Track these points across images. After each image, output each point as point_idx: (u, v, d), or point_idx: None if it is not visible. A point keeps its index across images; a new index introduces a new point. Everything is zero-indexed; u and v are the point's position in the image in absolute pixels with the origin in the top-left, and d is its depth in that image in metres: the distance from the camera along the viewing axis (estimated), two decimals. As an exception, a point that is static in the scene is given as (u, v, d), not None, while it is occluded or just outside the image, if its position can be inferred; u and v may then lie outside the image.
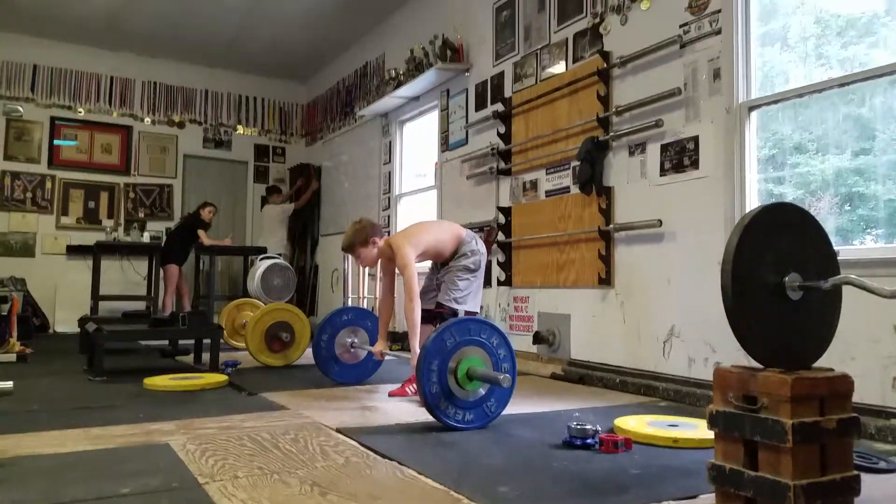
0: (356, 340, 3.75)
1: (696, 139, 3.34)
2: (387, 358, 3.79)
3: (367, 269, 6.32)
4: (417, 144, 6.33)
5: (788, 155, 3.16)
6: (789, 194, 3.13)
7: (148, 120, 7.85)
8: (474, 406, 2.59)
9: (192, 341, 4.49)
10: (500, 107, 4.76)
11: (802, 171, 3.12)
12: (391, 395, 3.33)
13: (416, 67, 5.61)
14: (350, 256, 6.46)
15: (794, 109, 3.09)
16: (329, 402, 3.09)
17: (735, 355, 1.76)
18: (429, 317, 3.29)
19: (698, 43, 3.34)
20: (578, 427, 2.28)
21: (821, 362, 1.78)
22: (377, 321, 3.60)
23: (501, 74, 4.84)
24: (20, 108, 7.08)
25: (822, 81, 2.90)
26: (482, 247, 3.40)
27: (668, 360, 3.41)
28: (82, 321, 5.01)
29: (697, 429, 2.38)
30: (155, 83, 7.90)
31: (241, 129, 8.39)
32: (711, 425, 1.72)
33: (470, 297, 3.30)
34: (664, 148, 3.50)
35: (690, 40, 3.37)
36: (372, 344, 3.63)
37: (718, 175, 3.21)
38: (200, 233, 6.75)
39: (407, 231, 3.45)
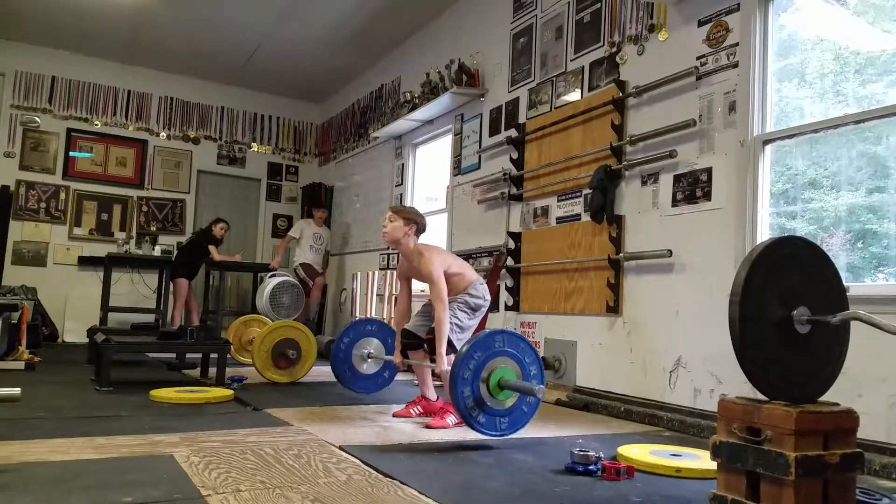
0: (373, 351, 3.81)
1: (709, 171, 3.35)
2: (394, 379, 3.80)
3: (373, 285, 6.33)
4: (430, 167, 6.38)
5: (802, 190, 3.17)
6: (801, 229, 3.13)
7: (163, 135, 7.97)
8: (504, 414, 2.69)
9: (199, 355, 4.50)
10: (513, 133, 4.81)
11: (815, 206, 3.12)
12: (395, 415, 3.31)
13: (431, 91, 5.68)
14: (354, 279, 6.52)
15: (809, 145, 3.10)
16: (333, 421, 3.08)
17: (741, 387, 1.75)
18: (418, 344, 3.30)
19: (715, 75, 3.37)
20: (581, 453, 2.27)
21: (828, 397, 1.77)
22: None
23: (516, 100, 4.90)
24: (37, 119, 7.19)
25: (837, 117, 2.91)
26: (487, 294, 3.37)
27: (674, 391, 3.39)
28: (91, 332, 5.04)
29: (700, 459, 2.37)
30: (172, 98, 8.03)
31: (255, 147, 8.49)
32: (715, 456, 1.71)
33: (464, 332, 3.24)
34: (677, 179, 3.52)
35: (707, 72, 3.41)
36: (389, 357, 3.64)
37: (731, 208, 3.21)
38: (211, 248, 6.80)
39: (440, 249, 3.44)
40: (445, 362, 3.02)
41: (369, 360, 3.81)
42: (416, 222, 3.31)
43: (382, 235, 3.33)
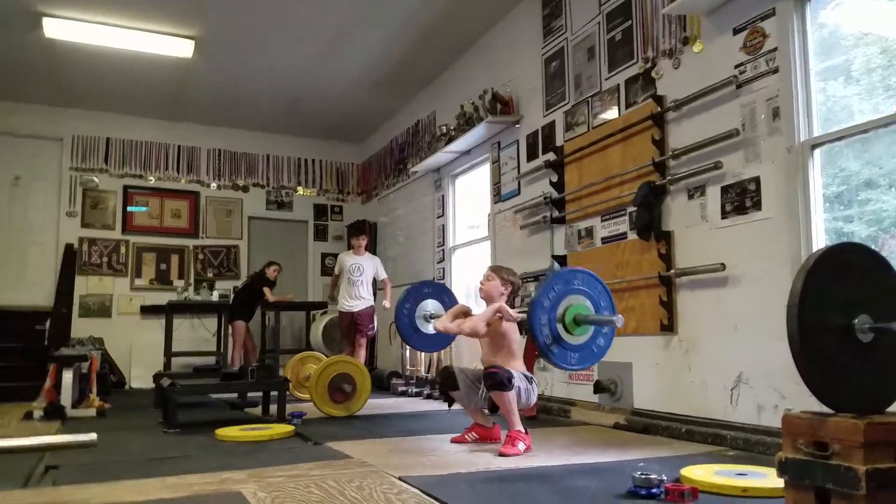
0: (433, 312, 4.03)
1: (757, 180, 3.28)
2: (446, 409, 3.83)
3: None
4: (470, 196, 6.45)
5: (857, 191, 3.06)
6: (860, 232, 3.02)
7: (214, 185, 8.32)
8: (576, 350, 2.90)
9: (260, 394, 4.61)
10: (551, 156, 4.83)
11: (874, 207, 3.01)
12: (453, 441, 3.37)
13: (466, 122, 5.76)
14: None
15: (861, 144, 3.01)
16: (391, 452, 3.11)
17: (806, 401, 1.70)
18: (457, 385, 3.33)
19: (755, 83, 3.32)
20: (643, 477, 2.21)
21: (897, 407, 1.70)
22: (452, 295, 4.15)
23: (552, 124, 4.93)
24: (95, 179, 7.63)
25: (888, 115, 2.81)
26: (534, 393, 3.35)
27: (736, 409, 3.27)
28: (157, 377, 5.23)
29: (767, 478, 2.28)
30: (219, 150, 8.39)
31: (300, 191, 8.76)
32: (781, 473, 1.66)
33: (525, 393, 3.22)
34: (724, 190, 3.46)
35: (746, 80, 3.36)
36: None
37: (783, 216, 3.13)
38: (266, 290, 7.00)
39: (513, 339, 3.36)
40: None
41: (431, 320, 4.02)
42: (511, 283, 3.42)
43: (479, 291, 3.46)
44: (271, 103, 7.56)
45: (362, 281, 6.25)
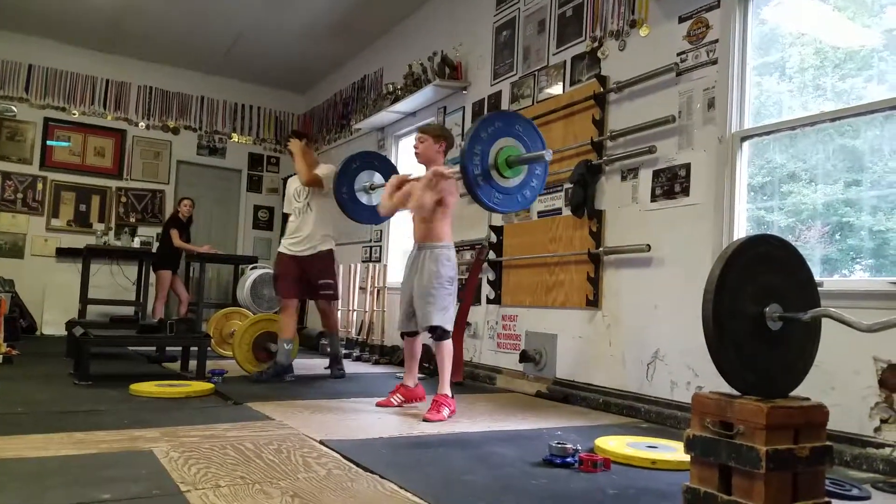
0: (372, 181, 4.01)
1: (687, 167, 3.39)
2: (375, 371, 3.83)
3: (356, 278, 6.32)
4: (412, 159, 6.36)
5: (781, 183, 3.21)
6: (780, 222, 3.17)
7: (142, 124, 7.86)
8: (502, 192, 2.90)
9: (180, 348, 4.48)
10: (495, 126, 4.81)
11: (794, 199, 3.17)
12: (378, 405, 3.37)
13: (413, 83, 5.66)
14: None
15: (788, 139, 3.14)
16: (314, 414, 3.09)
17: (716, 381, 1.79)
18: (417, 332, 3.32)
19: (694, 72, 3.39)
20: (559, 446, 2.31)
21: (801, 391, 1.82)
22: (384, 159, 4.14)
23: (499, 94, 4.90)
24: (14, 108, 7.07)
25: (814, 115, 2.94)
26: (455, 260, 3.37)
27: (652, 383, 3.44)
28: (70, 325, 4.98)
29: (676, 451, 2.41)
30: (151, 88, 7.92)
31: (235, 137, 8.41)
32: (688, 449, 1.75)
33: (449, 311, 3.26)
34: (656, 174, 3.56)
35: (687, 69, 3.43)
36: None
37: (709, 203, 3.26)
38: (172, 233, 6.68)
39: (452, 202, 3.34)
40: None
41: (372, 191, 3.99)
42: (444, 137, 3.38)
43: (416, 157, 3.39)
44: (212, 42, 7.17)
45: (306, 206, 4.31)
